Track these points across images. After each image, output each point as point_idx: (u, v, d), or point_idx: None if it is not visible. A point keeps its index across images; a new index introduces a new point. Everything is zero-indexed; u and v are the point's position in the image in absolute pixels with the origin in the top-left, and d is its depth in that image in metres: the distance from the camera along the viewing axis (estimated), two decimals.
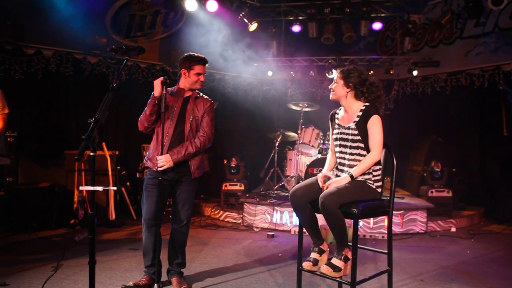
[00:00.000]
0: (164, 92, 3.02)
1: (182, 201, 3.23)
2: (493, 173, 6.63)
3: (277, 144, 6.58)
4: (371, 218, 5.17)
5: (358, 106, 2.78)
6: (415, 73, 7.29)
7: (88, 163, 5.57)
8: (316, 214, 2.75)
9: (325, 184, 2.69)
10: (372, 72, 6.82)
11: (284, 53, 7.79)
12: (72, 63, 6.27)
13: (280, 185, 6.47)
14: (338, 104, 2.94)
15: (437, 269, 3.91)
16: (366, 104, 2.76)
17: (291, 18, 7.41)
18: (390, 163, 2.79)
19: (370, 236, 5.23)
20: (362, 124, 2.72)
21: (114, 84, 2.47)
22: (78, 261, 3.87)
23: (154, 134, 3.24)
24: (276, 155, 6.55)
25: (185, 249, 3.36)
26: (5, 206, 4.86)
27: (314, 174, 5.42)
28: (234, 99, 7.53)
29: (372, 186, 2.72)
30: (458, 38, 7.18)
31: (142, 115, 3.17)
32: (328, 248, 2.79)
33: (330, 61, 7.61)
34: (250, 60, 7.18)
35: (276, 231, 5.40)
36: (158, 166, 3.06)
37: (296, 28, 7.28)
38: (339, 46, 7.57)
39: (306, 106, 6.43)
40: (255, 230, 5.55)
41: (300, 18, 7.32)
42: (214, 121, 3.29)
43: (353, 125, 2.75)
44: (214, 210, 6.34)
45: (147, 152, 3.28)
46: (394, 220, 5.26)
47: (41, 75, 6.03)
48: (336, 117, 2.93)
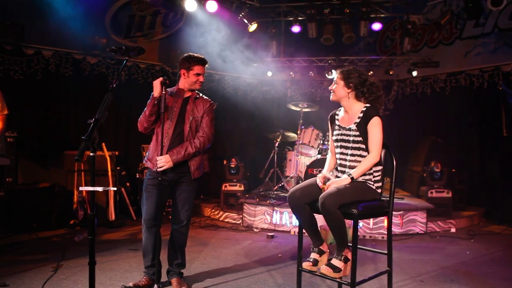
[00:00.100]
0: (163, 92, 3.02)
1: (181, 201, 3.23)
2: (493, 173, 6.62)
3: (276, 144, 6.58)
4: (371, 219, 5.17)
5: (359, 107, 2.78)
6: (415, 73, 7.29)
7: (88, 164, 5.58)
8: (315, 215, 2.75)
9: (325, 184, 2.69)
10: (371, 72, 6.83)
11: (283, 53, 7.78)
12: (71, 64, 6.27)
13: (279, 185, 6.47)
14: (338, 105, 2.94)
15: (436, 269, 3.91)
16: (367, 105, 2.76)
17: (291, 19, 7.41)
18: (390, 164, 2.79)
19: (370, 236, 5.23)
20: (363, 125, 2.71)
21: (114, 84, 2.47)
22: (78, 261, 3.87)
23: (153, 134, 3.24)
24: (275, 156, 6.55)
25: (185, 249, 3.36)
26: (5, 206, 4.86)
27: (314, 175, 5.43)
28: (234, 100, 7.52)
29: (372, 186, 2.72)
30: (458, 38, 7.18)
31: (141, 116, 3.17)
32: (328, 248, 2.79)
33: (329, 61, 7.61)
34: (250, 60, 7.18)
35: (275, 232, 5.40)
36: (157, 166, 3.06)
37: (295, 28, 7.28)
38: (339, 47, 7.57)
39: (306, 106, 6.43)
40: (255, 230, 5.55)
41: (299, 18, 7.32)
42: (214, 121, 3.29)
43: (354, 126, 2.75)
44: (214, 210, 6.34)
45: (147, 152, 3.28)
46: (394, 220, 5.26)
47: (40, 76, 6.02)
48: (336, 118, 2.92)
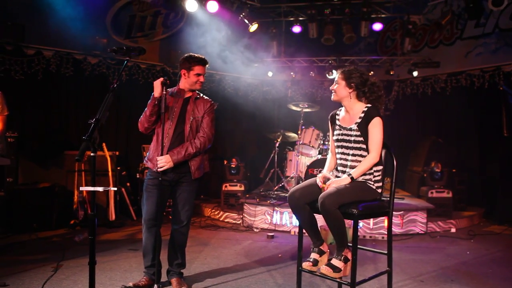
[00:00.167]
0: (164, 92, 3.02)
1: (182, 201, 3.24)
2: (493, 173, 6.62)
3: (277, 144, 6.58)
4: (371, 219, 5.17)
5: (360, 107, 2.78)
6: (415, 73, 7.29)
7: (88, 164, 5.58)
8: (315, 215, 2.75)
9: (324, 184, 2.69)
10: (372, 72, 6.82)
11: (284, 53, 7.78)
12: (72, 64, 6.27)
13: (280, 185, 6.47)
14: (339, 105, 2.94)
15: (437, 269, 3.91)
16: (368, 105, 2.76)
17: (292, 19, 7.41)
18: (390, 164, 2.79)
19: (370, 236, 5.23)
20: (364, 125, 2.72)
21: (115, 84, 2.47)
22: (78, 261, 3.87)
23: (154, 134, 3.24)
24: (276, 156, 6.55)
25: (185, 249, 3.36)
26: (5, 206, 4.86)
27: (314, 175, 5.43)
28: (234, 100, 7.52)
29: (372, 186, 2.72)
30: (458, 38, 7.18)
31: (142, 116, 3.17)
32: (328, 248, 2.78)
33: (330, 61, 7.61)
34: (250, 61, 7.18)
35: (276, 232, 5.40)
36: (158, 166, 3.06)
37: (296, 28, 7.28)
38: (340, 47, 7.57)
39: (306, 106, 6.43)
40: (255, 230, 5.55)
41: (300, 18, 7.32)
42: (214, 121, 3.29)
43: (355, 126, 2.75)
44: (214, 210, 6.34)
45: (147, 152, 3.29)
46: (394, 220, 5.26)
47: (41, 76, 6.03)
48: (337, 118, 2.92)
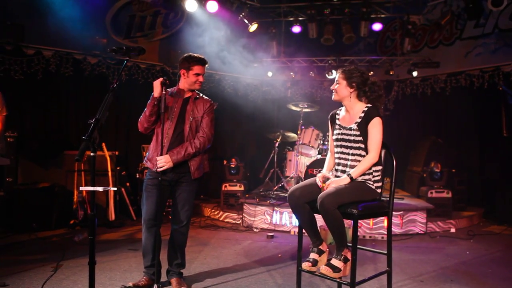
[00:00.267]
0: (163, 93, 3.02)
1: (181, 201, 3.24)
2: (492, 174, 6.62)
3: (276, 144, 6.58)
4: (371, 219, 5.17)
5: (360, 107, 2.78)
6: (415, 74, 7.29)
7: (88, 164, 5.58)
8: (315, 215, 2.75)
9: (324, 184, 2.70)
10: (372, 72, 6.82)
11: (284, 53, 7.78)
12: (72, 64, 6.26)
13: (279, 185, 6.47)
14: (338, 104, 2.94)
15: (436, 269, 3.91)
16: (368, 105, 2.77)
17: (291, 19, 7.41)
18: (390, 164, 2.79)
19: (370, 236, 5.23)
20: (364, 125, 2.72)
21: (114, 84, 2.47)
22: (77, 261, 3.87)
23: (154, 134, 3.24)
24: (275, 156, 6.55)
25: (184, 249, 3.36)
26: (5, 206, 4.87)
27: (314, 175, 5.42)
28: (234, 100, 7.52)
29: (371, 186, 2.72)
30: (458, 39, 7.18)
31: (142, 116, 3.17)
32: (327, 248, 2.79)
33: (330, 62, 7.61)
34: (250, 61, 7.17)
35: (275, 232, 5.40)
36: (157, 166, 3.06)
37: (296, 29, 7.28)
38: (339, 47, 7.58)
39: (306, 106, 6.43)
40: (255, 230, 5.55)
41: (300, 18, 7.32)
42: (214, 121, 3.29)
43: (355, 126, 2.76)
44: (213, 210, 6.34)
45: (147, 152, 3.29)
46: (393, 220, 5.26)
47: (41, 76, 6.02)
48: (336, 117, 2.92)
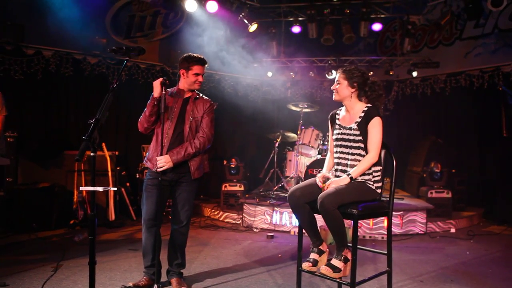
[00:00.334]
0: (163, 93, 3.02)
1: (181, 201, 3.24)
2: (492, 174, 6.63)
3: (276, 144, 6.58)
4: (371, 219, 5.18)
5: (360, 107, 2.79)
6: (415, 74, 7.29)
7: (88, 164, 5.58)
8: (315, 215, 2.75)
9: (324, 184, 2.70)
10: (372, 73, 6.82)
11: (284, 54, 7.78)
12: (72, 64, 6.27)
13: (279, 185, 6.47)
14: (338, 104, 2.94)
15: (436, 270, 3.91)
16: (369, 105, 2.77)
17: (291, 19, 7.41)
18: (390, 164, 2.79)
19: (370, 237, 5.23)
20: (363, 125, 2.72)
21: (114, 84, 2.47)
22: (77, 261, 3.87)
23: (153, 135, 3.24)
24: (275, 156, 6.55)
25: (184, 249, 3.36)
26: (5, 206, 4.86)
27: (314, 175, 5.44)
28: (234, 100, 7.51)
29: (371, 187, 2.72)
30: (458, 39, 7.18)
31: (141, 116, 3.17)
32: (327, 248, 2.79)
33: (330, 62, 7.61)
34: (250, 61, 7.17)
35: (275, 232, 5.40)
36: (157, 166, 3.06)
37: (296, 29, 7.28)
38: (339, 47, 7.58)
39: (306, 107, 6.44)
40: (255, 230, 5.55)
41: (300, 19, 7.32)
42: (214, 121, 3.29)
43: (354, 125, 2.76)
44: (213, 210, 6.34)
45: (147, 152, 3.29)
46: (393, 221, 5.26)
47: (41, 76, 6.02)
48: (336, 117, 2.93)
